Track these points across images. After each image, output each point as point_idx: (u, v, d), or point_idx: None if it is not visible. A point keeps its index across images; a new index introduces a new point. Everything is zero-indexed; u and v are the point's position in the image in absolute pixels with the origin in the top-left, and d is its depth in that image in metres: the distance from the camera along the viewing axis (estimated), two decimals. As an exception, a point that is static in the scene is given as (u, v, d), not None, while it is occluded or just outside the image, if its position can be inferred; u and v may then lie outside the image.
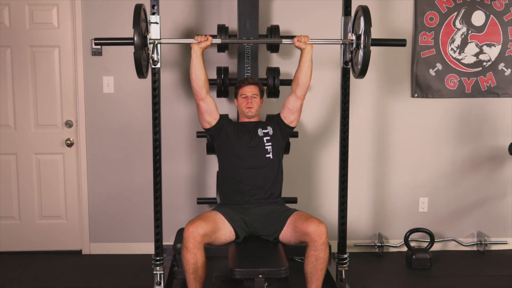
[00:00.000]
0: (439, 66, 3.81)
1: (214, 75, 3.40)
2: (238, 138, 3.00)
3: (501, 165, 3.93)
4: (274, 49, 3.49)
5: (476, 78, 3.83)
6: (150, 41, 2.85)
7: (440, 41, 3.78)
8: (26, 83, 3.73)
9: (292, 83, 3.03)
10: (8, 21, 3.67)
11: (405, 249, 3.77)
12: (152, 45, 2.86)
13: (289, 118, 3.05)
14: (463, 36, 3.78)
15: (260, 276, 2.50)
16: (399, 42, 3.01)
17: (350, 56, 2.98)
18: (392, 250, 3.94)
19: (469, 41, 3.79)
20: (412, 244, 3.77)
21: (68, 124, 3.77)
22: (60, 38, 3.70)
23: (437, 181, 3.94)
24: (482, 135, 3.91)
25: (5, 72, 3.71)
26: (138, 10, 2.70)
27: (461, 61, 3.81)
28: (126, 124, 3.77)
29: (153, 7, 2.89)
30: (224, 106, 3.68)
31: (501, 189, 3.97)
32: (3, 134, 3.77)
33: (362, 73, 2.84)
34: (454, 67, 3.81)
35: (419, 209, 3.96)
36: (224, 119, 3.07)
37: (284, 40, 3.01)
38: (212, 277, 3.18)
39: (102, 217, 3.85)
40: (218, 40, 2.98)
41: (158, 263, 3.01)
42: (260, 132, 3.03)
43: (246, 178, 2.95)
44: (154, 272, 3.01)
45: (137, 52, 2.67)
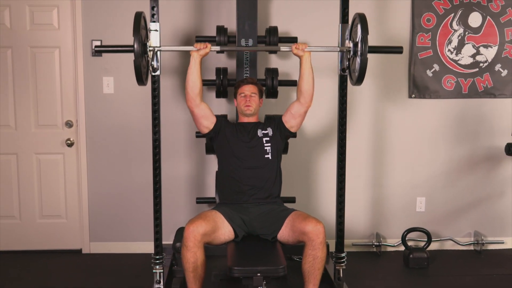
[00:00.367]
0: (436, 67, 3.83)
1: (213, 76, 3.43)
2: (237, 139, 3.02)
3: (498, 165, 3.95)
4: (273, 51, 3.50)
5: (473, 79, 3.85)
6: (150, 49, 2.86)
7: (437, 42, 3.80)
8: (27, 84, 3.75)
9: (297, 91, 3.01)
10: (9, 22, 3.69)
11: (403, 249, 3.79)
12: (152, 53, 2.88)
13: (290, 123, 3.05)
14: (460, 37, 3.81)
15: (259, 275, 2.51)
16: (396, 50, 3.01)
17: (348, 63, 2.99)
18: (390, 250, 3.96)
19: (466, 42, 3.82)
20: (410, 244, 3.80)
21: (68, 124, 3.79)
22: (61, 39, 3.72)
23: (435, 181, 3.96)
24: (479, 136, 3.93)
25: (6, 73, 3.73)
26: (138, 18, 2.71)
27: (458, 62, 3.83)
28: (126, 124, 3.78)
29: (153, 15, 2.90)
30: (223, 107, 3.70)
31: (498, 189, 3.99)
32: (4, 134, 3.79)
33: (359, 80, 2.85)
34: (451, 68, 3.84)
35: (417, 209, 3.98)
36: (222, 120, 3.08)
37: (282, 48, 2.99)
38: (211, 276, 3.19)
39: (102, 217, 3.87)
40: (217, 48, 3.01)
41: (158, 262, 3.03)
42: (260, 133, 3.04)
43: (245, 178, 2.96)
44: (154, 271, 3.04)
45: (137, 60, 2.67)
